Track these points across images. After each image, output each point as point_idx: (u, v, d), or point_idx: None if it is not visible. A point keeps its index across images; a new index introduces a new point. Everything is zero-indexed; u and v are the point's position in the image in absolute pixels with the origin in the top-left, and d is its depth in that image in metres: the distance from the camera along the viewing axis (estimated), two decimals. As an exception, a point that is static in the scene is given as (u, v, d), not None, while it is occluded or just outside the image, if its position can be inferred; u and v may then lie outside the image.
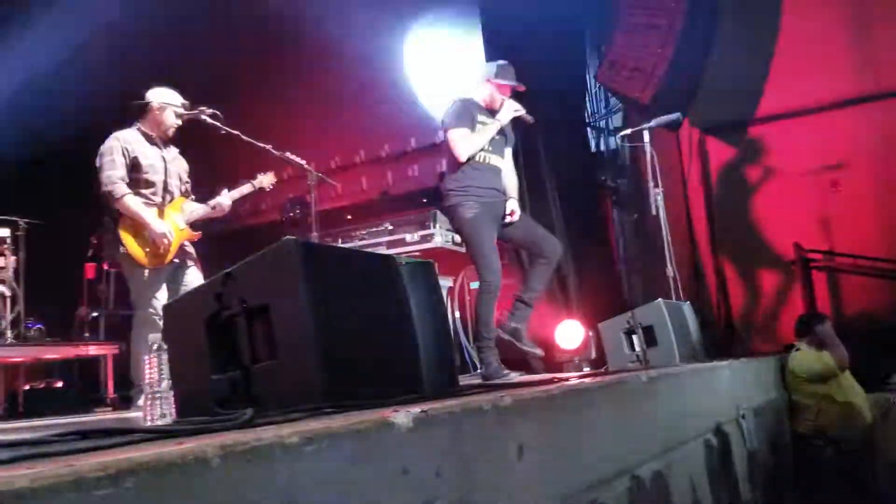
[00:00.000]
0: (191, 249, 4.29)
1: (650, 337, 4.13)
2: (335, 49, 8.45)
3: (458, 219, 4.26)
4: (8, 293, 5.36)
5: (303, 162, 4.55)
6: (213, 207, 4.37)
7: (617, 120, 7.06)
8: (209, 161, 5.96)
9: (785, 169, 6.52)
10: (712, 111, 6.72)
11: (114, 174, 3.99)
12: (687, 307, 4.53)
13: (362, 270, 2.22)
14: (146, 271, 4.02)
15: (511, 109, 4.30)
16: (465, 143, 4.23)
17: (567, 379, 2.87)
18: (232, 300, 2.05)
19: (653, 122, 4.95)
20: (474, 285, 5.75)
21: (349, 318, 2.00)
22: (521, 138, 5.17)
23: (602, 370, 4.49)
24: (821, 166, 6.42)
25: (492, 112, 4.36)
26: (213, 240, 4.64)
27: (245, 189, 4.50)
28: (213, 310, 2.10)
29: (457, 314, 5.58)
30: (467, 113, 4.29)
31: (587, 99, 7.05)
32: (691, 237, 5.83)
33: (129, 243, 4.00)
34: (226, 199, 4.42)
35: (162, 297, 4.03)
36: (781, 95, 6.59)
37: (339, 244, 5.73)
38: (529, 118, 4.35)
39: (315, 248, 2.14)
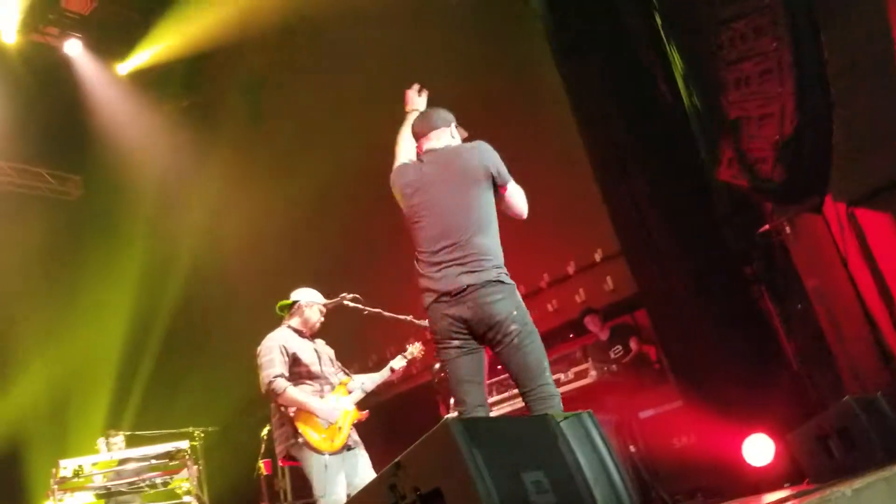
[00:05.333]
0: (356, 435, 4.40)
1: (847, 440, 3.74)
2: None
3: (522, 305, 3.22)
4: (195, 503, 5.64)
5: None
6: (392, 370, 4.61)
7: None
8: (356, 336, 6.23)
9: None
10: (855, 180, 6.30)
11: (272, 372, 4.21)
12: (880, 399, 4.09)
13: (523, 436, 2.19)
14: (325, 458, 4.10)
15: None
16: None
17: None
18: (406, 489, 2.07)
19: (790, 213, 4.72)
20: (644, 414, 5.49)
21: (520, 491, 1.95)
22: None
23: (802, 487, 4.06)
24: None
25: None
26: (373, 414, 4.72)
27: (400, 362, 4.67)
28: (390, 502, 2.11)
29: (631, 448, 5.27)
30: None
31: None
32: (869, 319, 5.30)
33: (305, 432, 4.13)
34: (399, 361, 4.64)
35: (342, 483, 4.09)
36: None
37: (493, 397, 5.66)
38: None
39: (474, 423, 2.15)
